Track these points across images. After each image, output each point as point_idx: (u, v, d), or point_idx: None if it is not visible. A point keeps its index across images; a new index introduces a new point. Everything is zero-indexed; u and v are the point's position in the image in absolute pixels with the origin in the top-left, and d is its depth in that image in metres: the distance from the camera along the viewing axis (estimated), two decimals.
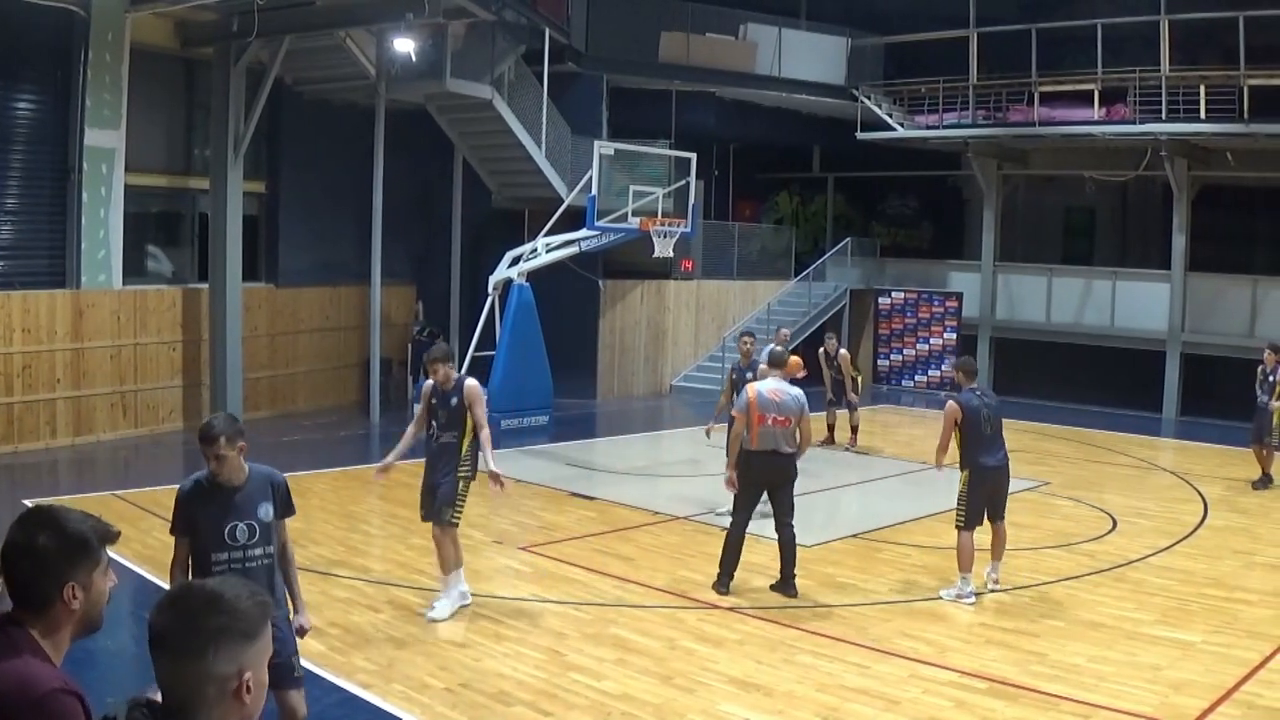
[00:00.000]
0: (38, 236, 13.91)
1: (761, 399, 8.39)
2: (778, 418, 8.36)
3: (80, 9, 13.58)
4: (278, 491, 4.91)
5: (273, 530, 4.86)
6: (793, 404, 8.40)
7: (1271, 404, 12.83)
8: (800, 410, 8.43)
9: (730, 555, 8.56)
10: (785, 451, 8.45)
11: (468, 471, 7.80)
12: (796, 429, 8.45)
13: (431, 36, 16.11)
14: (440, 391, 7.71)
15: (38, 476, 12.52)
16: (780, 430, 8.38)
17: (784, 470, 8.52)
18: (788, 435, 8.41)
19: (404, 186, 18.36)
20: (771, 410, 8.37)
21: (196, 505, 4.78)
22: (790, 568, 8.56)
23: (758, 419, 8.38)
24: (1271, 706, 6.40)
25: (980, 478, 8.68)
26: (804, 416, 8.47)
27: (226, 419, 4.84)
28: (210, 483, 4.77)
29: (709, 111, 21.48)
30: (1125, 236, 23.61)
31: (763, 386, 8.54)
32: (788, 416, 8.37)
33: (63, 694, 2.31)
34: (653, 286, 20.71)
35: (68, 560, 2.46)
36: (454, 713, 6.18)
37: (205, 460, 4.75)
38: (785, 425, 8.38)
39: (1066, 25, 19.83)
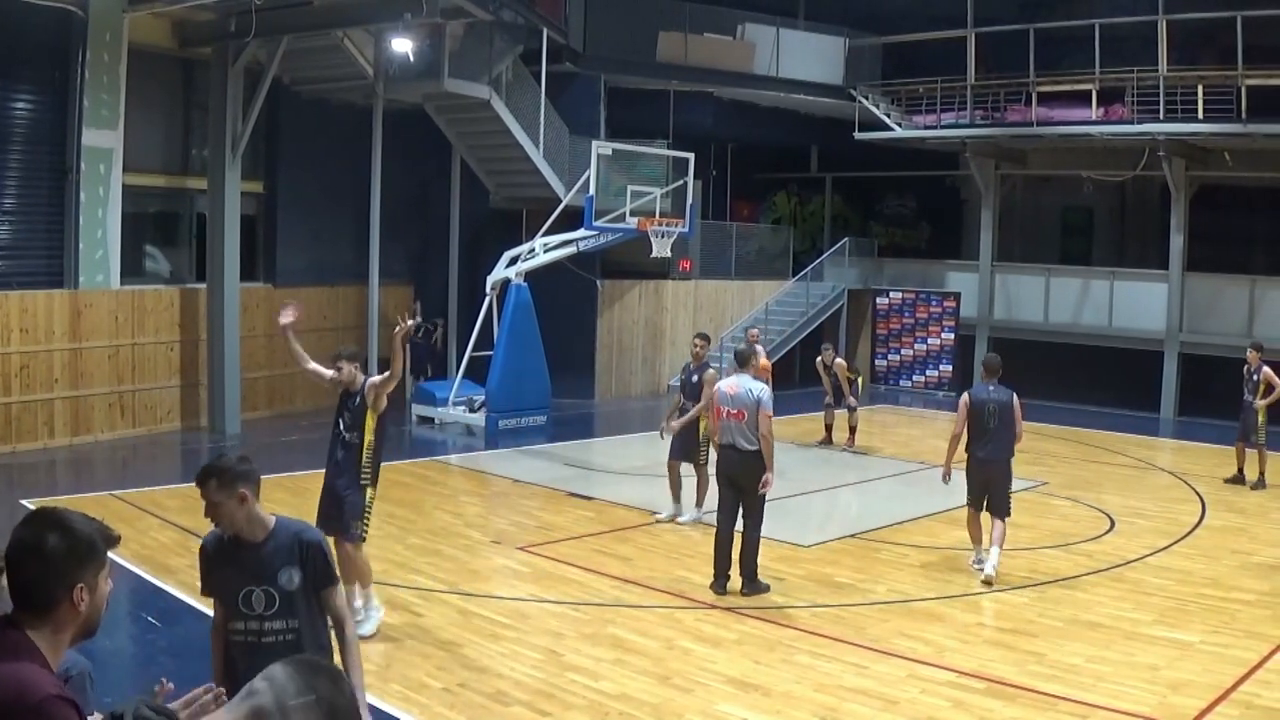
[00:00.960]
0: (35, 236, 13.89)
1: (720, 394, 8.70)
2: (732, 411, 8.50)
3: (78, 9, 13.56)
4: (308, 553, 4.04)
5: (298, 601, 4.03)
6: (746, 397, 8.45)
7: (1256, 402, 12.92)
8: (754, 404, 8.42)
9: (720, 555, 8.60)
10: (744, 448, 8.47)
11: (369, 479, 7.36)
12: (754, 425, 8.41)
13: (429, 36, 16.10)
14: (346, 392, 7.44)
15: (35, 476, 12.51)
16: (735, 424, 8.47)
17: (745, 467, 8.50)
18: (745, 430, 8.45)
19: (402, 186, 18.36)
20: (727, 404, 8.55)
21: (214, 563, 4.11)
22: (752, 565, 8.57)
23: (717, 413, 8.70)
24: (1269, 706, 6.40)
25: (972, 465, 9.25)
26: (760, 412, 8.41)
27: (231, 458, 4.00)
28: (230, 538, 4.04)
29: (707, 111, 21.48)
30: (1123, 236, 23.63)
31: (724, 383, 8.86)
32: (741, 410, 8.44)
33: (59, 701, 2.30)
34: (651, 286, 20.71)
35: (77, 561, 2.47)
36: (452, 712, 6.18)
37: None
38: (740, 419, 8.45)
39: (1064, 25, 19.84)
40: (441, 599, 8.24)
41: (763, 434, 8.41)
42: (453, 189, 19.49)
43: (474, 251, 19.33)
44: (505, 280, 16.29)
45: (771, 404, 8.57)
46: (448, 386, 16.95)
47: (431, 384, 17.50)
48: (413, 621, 7.70)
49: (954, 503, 12.13)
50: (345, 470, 7.33)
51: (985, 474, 9.12)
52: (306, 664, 2.03)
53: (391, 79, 16.81)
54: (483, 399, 16.23)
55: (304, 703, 1.94)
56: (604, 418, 18.90)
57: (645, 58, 20.41)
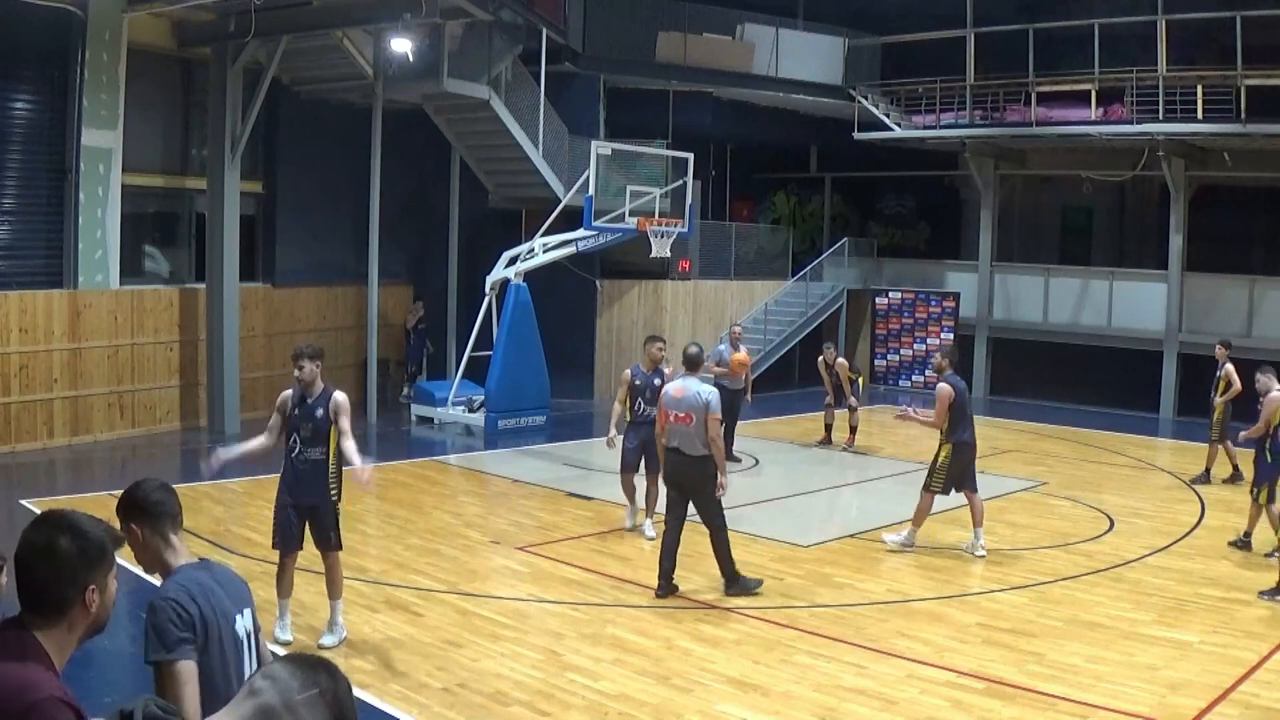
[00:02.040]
0: (35, 236, 13.89)
1: (667, 396, 8.50)
2: (679, 414, 8.29)
3: (77, 9, 13.56)
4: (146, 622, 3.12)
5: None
6: (694, 400, 8.23)
7: (1215, 399, 13.16)
8: (701, 408, 8.19)
9: (666, 559, 8.40)
10: (691, 453, 8.26)
11: (336, 493, 7.24)
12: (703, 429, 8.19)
13: (429, 36, 16.09)
14: (303, 400, 7.07)
15: (35, 476, 12.50)
16: (682, 428, 8.27)
17: (693, 472, 8.32)
18: (692, 434, 8.23)
19: (401, 186, 18.36)
20: (673, 407, 8.35)
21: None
22: (727, 566, 8.45)
23: (663, 416, 8.50)
24: (1268, 706, 6.41)
25: (961, 451, 9.75)
26: (708, 415, 8.18)
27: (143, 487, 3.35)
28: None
29: (706, 111, 21.47)
30: (1122, 237, 23.62)
31: (672, 385, 8.65)
32: (688, 413, 8.22)
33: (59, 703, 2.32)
34: (650, 286, 20.71)
35: (88, 563, 2.51)
36: (451, 712, 6.18)
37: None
38: (686, 422, 8.23)
39: (1064, 25, 19.84)
40: (441, 599, 8.24)
41: (711, 438, 8.20)
42: (452, 189, 19.49)
43: (473, 251, 19.33)
44: (504, 280, 16.29)
45: (720, 408, 8.32)
46: (447, 386, 16.95)
47: (431, 384, 17.50)
48: (413, 621, 7.70)
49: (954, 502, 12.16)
50: (317, 490, 7.17)
51: (971, 455, 9.84)
52: (304, 660, 2.05)
53: (391, 79, 16.81)
54: (482, 399, 16.23)
55: (308, 697, 1.96)
56: (603, 418, 18.82)
57: (644, 58, 20.42)
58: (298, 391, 7.16)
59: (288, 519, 7.22)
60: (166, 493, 3.38)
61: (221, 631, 3.17)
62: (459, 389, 16.72)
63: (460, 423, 16.31)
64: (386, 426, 16.76)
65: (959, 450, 9.71)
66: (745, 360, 13.69)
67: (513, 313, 16.07)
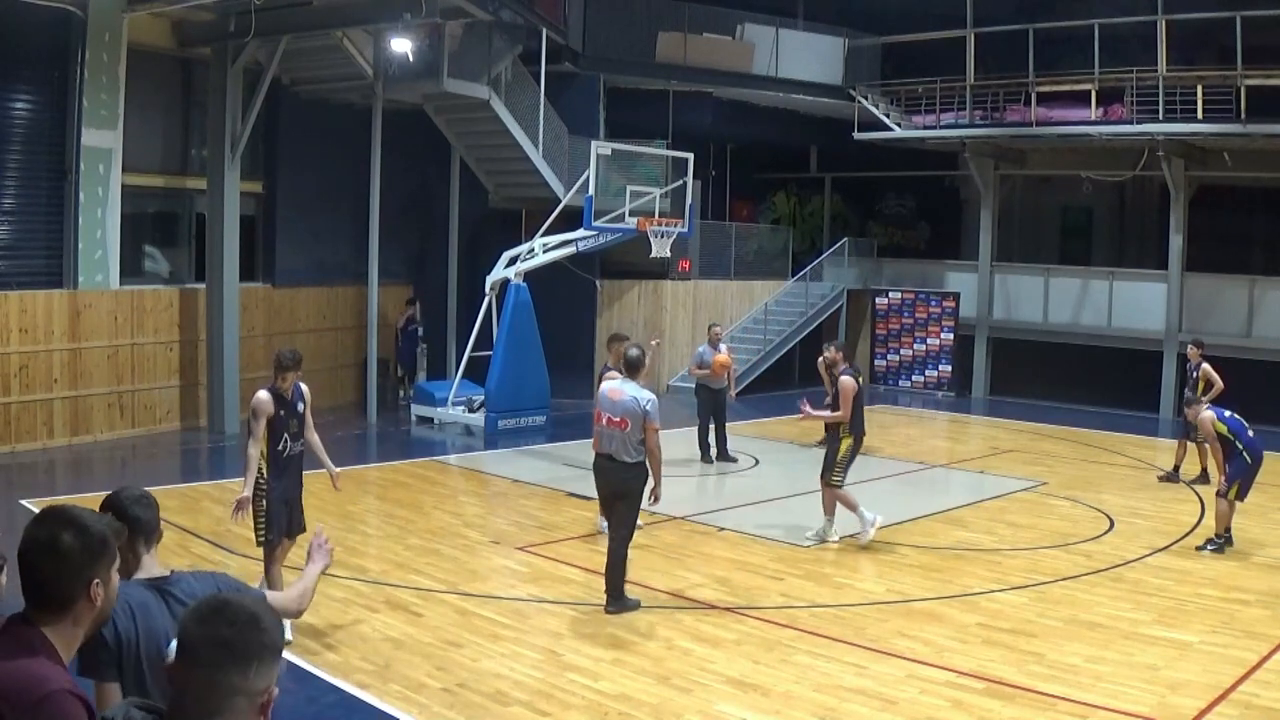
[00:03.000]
0: (35, 236, 13.88)
1: (601, 398, 8.04)
2: (612, 418, 7.85)
3: (77, 9, 13.56)
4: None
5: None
6: (631, 405, 7.77)
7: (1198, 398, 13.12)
8: (638, 414, 7.75)
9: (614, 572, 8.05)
10: (623, 459, 7.82)
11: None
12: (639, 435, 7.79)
13: (428, 36, 16.10)
14: (285, 401, 7.38)
15: (35, 476, 12.50)
16: (615, 433, 7.83)
17: (620, 479, 7.91)
18: (626, 441, 7.80)
19: (401, 186, 18.36)
20: (608, 410, 7.91)
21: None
22: (616, 580, 7.96)
23: (597, 419, 8.07)
24: (1268, 706, 6.41)
25: (860, 444, 10.17)
26: (647, 423, 7.74)
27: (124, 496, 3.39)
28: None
29: (706, 111, 21.48)
30: (1122, 237, 23.63)
31: (607, 385, 8.17)
32: (623, 418, 7.77)
33: (69, 695, 2.35)
34: (650, 286, 20.72)
35: (92, 558, 2.53)
36: (451, 712, 6.18)
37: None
38: (621, 428, 7.79)
39: (1063, 25, 19.84)
40: (441, 599, 8.24)
41: (650, 448, 7.79)
42: (452, 189, 19.49)
43: (473, 251, 19.33)
44: (504, 280, 16.28)
45: (659, 416, 7.89)
46: (447, 386, 16.95)
47: (431, 384, 17.50)
48: (413, 621, 7.70)
49: (954, 502, 12.18)
50: (299, 478, 7.73)
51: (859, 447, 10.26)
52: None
53: (391, 79, 16.80)
54: (482, 399, 16.23)
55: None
56: None
57: (644, 58, 20.43)
58: (275, 393, 7.38)
59: (280, 512, 7.49)
60: (144, 507, 3.35)
61: (143, 652, 3.03)
62: (459, 389, 16.72)
63: (460, 423, 16.31)
64: (386, 426, 16.76)
65: (858, 442, 10.09)
66: (726, 361, 13.72)
67: (513, 313, 16.06)
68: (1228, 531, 10.00)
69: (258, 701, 2.08)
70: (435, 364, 19.33)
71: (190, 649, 2.05)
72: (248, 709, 2.06)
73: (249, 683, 2.05)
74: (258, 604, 2.16)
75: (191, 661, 2.05)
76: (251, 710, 2.07)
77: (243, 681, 2.04)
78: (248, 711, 2.07)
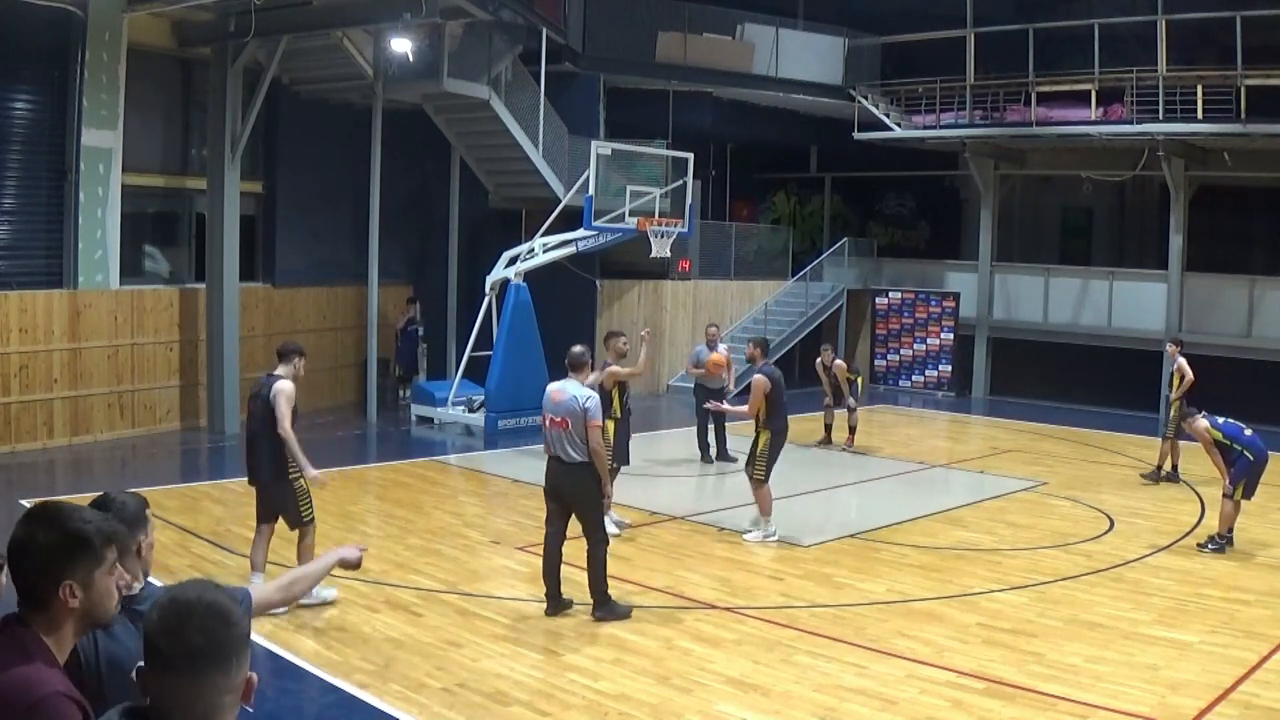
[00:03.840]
0: (35, 236, 13.88)
1: (546, 399, 7.99)
2: (555, 418, 7.81)
3: (77, 9, 13.55)
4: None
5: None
6: (572, 405, 7.73)
7: (1172, 395, 13.40)
8: (578, 413, 7.70)
9: (549, 576, 7.96)
10: (569, 459, 7.77)
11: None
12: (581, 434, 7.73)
13: (428, 36, 16.10)
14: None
15: (34, 476, 12.50)
16: (559, 433, 7.79)
17: (571, 480, 7.84)
18: (569, 440, 7.75)
19: (401, 186, 18.35)
20: (550, 410, 7.88)
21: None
22: (599, 586, 7.90)
23: (542, 420, 8.06)
24: (1268, 706, 6.40)
25: (780, 439, 10.18)
26: (588, 422, 7.68)
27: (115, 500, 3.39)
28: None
29: (706, 111, 21.49)
30: (1122, 237, 23.63)
31: (551, 387, 8.07)
32: (564, 418, 7.74)
33: (63, 699, 2.31)
34: (650, 286, 20.72)
35: (66, 558, 2.45)
36: (451, 712, 6.18)
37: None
38: (563, 427, 7.74)
39: (1064, 25, 19.85)
40: (441, 599, 8.24)
41: (593, 448, 7.71)
42: (452, 189, 19.48)
43: (473, 251, 19.33)
44: (504, 280, 16.28)
45: (600, 414, 7.87)
46: (447, 386, 16.95)
47: (431, 384, 17.50)
48: (413, 621, 7.70)
49: (954, 502, 12.18)
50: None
51: (782, 444, 10.27)
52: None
53: (391, 79, 16.80)
54: (482, 399, 16.22)
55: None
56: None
57: (644, 58, 20.43)
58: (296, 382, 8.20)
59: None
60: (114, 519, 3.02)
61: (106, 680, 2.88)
62: (459, 389, 16.71)
63: (460, 423, 16.31)
64: (386, 426, 16.76)
65: (777, 438, 10.14)
66: (721, 360, 13.72)
67: (512, 313, 16.06)
68: (1230, 532, 10.00)
69: (240, 693, 2.10)
70: (435, 364, 19.33)
71: (166, 662, 2.03)
72: (233, 703, 2.09)
73: (231, 679, 2.07)
74: (219, 599, 2.13)
75: (171, 673, 2.03)
76: (235, 702, 2.10)
77: (226, 680, 2.05)
78: (233, 704, 2.09)
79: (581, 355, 8.20)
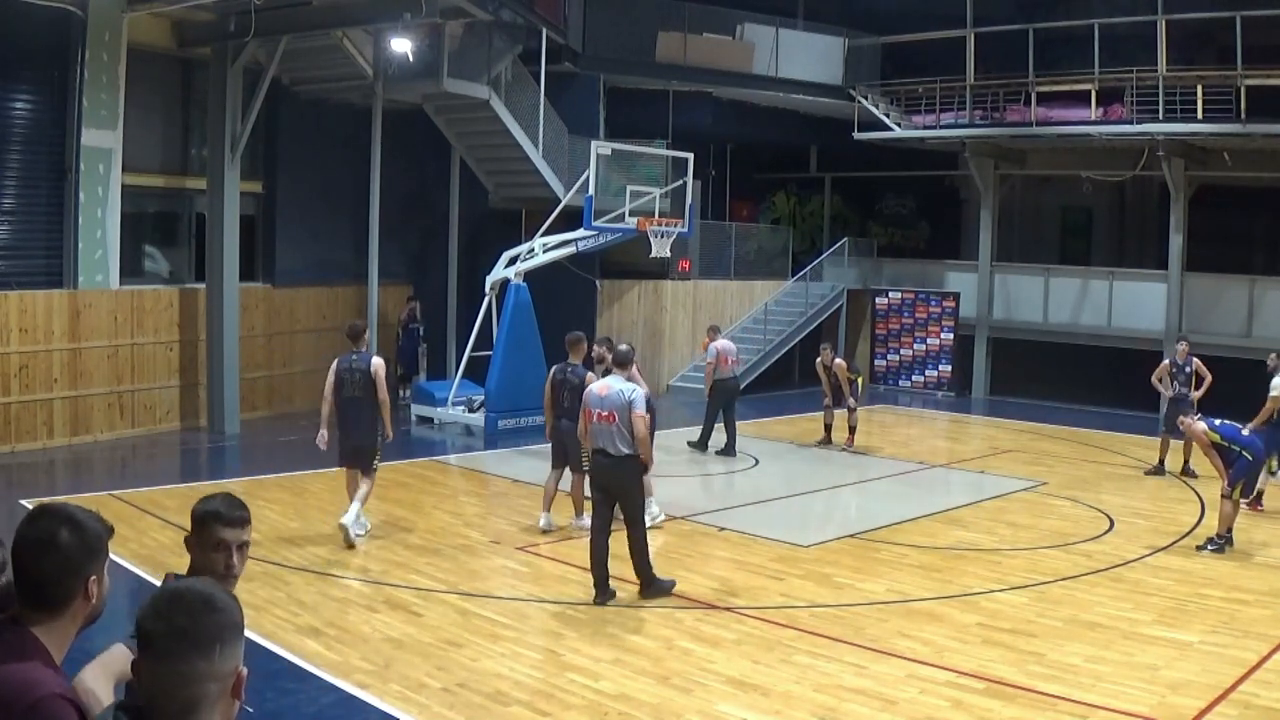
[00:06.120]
0: (35, 236, 13.88)
1: (591, 395, 8.34)
2: (601, 413, 8.15)
3: (77, 9, 13.55)
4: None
5: None
6: (616, 399, 8.09)
7: (1191, 394, 13.54)
8: (624, 406, 8.07)
9: (597, 566, 8.24)
10: (615, 453, 8.12)
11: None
12: (627, 426, 8.09)
13: (428, 36, 16.10)
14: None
15: (34, 476, 12.50)
16: (606, 426, 8.13)
17: (617, 472, 8.19)
18: (616, 433, 8.10)
19: (401, 186, 18.36)
20: (597, 406, 8.21)
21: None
22: (644, 569, 8.26)
23: (587, 416, 8.35)
24: (1268, 706, 6.40)
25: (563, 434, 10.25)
26: (633, 414, 8.05)
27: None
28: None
29: (706, 111, 21.49)
30: (1122, 236, 23.64)
31: (595, 384, 8.48)
32: (611, 412, 8.09)
33: (61, 700, 2.32)
34: (650, 286, 20.72)
35: (90, 554, 2.52)
36: (451, 712, 6.18)
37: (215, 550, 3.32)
38: (610, 422, 8.09)
39: (1063, 25, 19.86)
40: (441, 599, 8.24)
41: (639, 437, 8.08)
42: (452, 189, 19.49)
43: (473, 251, 19.33)
44: (504, 280, 16.28)
45: (644, 405, 8.27)
46: (447, 386, 16.95)
47: (431, 384, 17.50)
48: (413, 621, 7.70)
49: (953, 502, 12.19)
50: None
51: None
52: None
53: (390, 79, 16.81)
54: (482, 399, 16.22)
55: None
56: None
57: (644, 58, 20.43)
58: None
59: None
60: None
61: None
62: (459, 389, 16.71)
63: (460, 423, 16.31)
64: None
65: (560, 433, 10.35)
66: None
67: (512, 313, 16.06)
68: (1229, 532, 10.00)
69: (227, 684, 2.08)
70: (435, 364, 19.33)
71: (152, 644, 2.05)
72: (219, 693, 2.07)
73: (215, 666, 2.05)
74: (209, 588, 2.16)
75: (156, 656, 2.04)
76: (223, 694, 2.08)
77: (209, 666, 2.04)
78: (220, 695, 2.07)
79: (628, 354, 8.70)
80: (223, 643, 2.06)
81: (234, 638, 2.09)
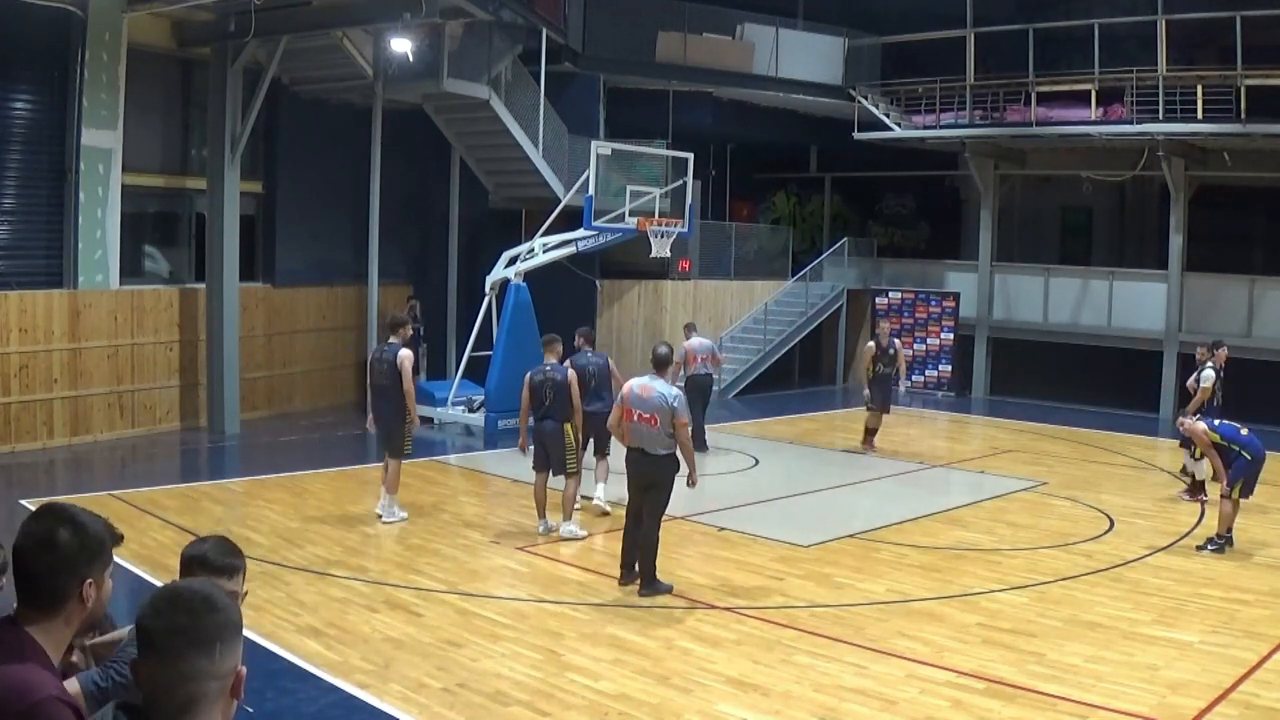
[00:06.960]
0: (35, 236, 13.87)
1: (631, 395, 8.43)
2: (644, 415, 8.28)
3: (77, 9, 13.55)
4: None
5: None
6: (659, 401, 8.23)
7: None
8: (667, 409, 8.20)
9: (628, 547, 8.62)
10: (654, 453, 8.29)
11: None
12: (668, 430, 8.24)
13: (428, 36, 16.10)
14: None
15: (35, 476, 12.50)
16: (648, 429, 8.27)
17: (654, 472, 8.37)
18: (657, 436, 8.25)
19: (401, 186, 18.36)
20: (638, 407, 8.33)
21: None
22: (648, 565, 8.42)
23: (627, 415, 8.44)
24: (1268, 706, 6.40)
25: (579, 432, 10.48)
26: (675, 417, 8.20)
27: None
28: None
29: (706, 111, 21.49)
30: (1122, 236, 23.63)
31: (636, 383, 8.53)
32: (654, 415, 8.22)
33: (58, 702, 2.31)
34: (650, 286, 20.72)
35: (89, 557, 2.51)
36: (451, 713, 6.18)
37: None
38: (652, 424, 8.24)
39: (1063, 25, 19.85)
40: (441, 599, 8.24)
41: (682, 441, 8.27)
42: (452, 189, 19.49)
43: (473, 251, 19.33)
44: (504, 280, 16.28)
45: (687, 412, 8.39)
46: (447, 386, 16.95)
47: (431, 384, 17.49)
48: (413, 621, 7.69)
49: (953, 502, 12.19)
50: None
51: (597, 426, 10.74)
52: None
53: (390, 79, 16.81)
54: (482, 399, 16.22)
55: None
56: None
57: (644, 58, 20.42)
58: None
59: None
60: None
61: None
62: (459, 389, 16.71)
63: (460, 423, 16.31)
64: None
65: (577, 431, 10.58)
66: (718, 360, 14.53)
67: (512, 312, 16.05)
68: (1229, 532, 10.00)
69: (227, 682, 2.09)
70: (435, 364, 19.33)
71: (151, 643, 2.05)
72: (218, 692, 2.07)
73: (215, 665, 2.05)
74: (209, 586, 2.17)
75: (156, 655, 2.05)
76: (222, 693, 2.08)
77: (209, 665, 2.05)
78: (219, 694, 2.08)
79: (668, 355, 8.73)
80: (222, 641, 2.06)
81: (233, 637, 2.10)
